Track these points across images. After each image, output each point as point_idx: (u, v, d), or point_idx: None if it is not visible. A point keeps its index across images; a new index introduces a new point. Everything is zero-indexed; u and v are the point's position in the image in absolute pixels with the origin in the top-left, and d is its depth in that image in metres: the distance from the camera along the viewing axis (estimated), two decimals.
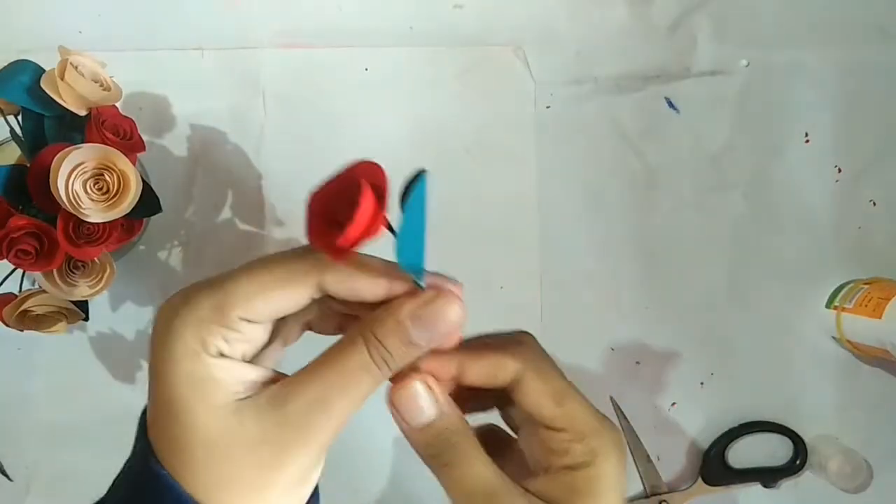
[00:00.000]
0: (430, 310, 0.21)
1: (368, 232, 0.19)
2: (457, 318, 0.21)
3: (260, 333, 0.21)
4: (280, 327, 0.23)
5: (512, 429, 0.26)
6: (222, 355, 0.20)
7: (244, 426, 0.20)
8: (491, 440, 0.26)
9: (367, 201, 0.19)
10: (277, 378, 0.21)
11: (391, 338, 0.21)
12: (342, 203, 0.19)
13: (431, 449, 0.22)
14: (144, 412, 0.21)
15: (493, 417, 0.26)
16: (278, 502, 0.21)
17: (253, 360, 0.22)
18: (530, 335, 0.25)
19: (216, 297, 0.20)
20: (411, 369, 0.23)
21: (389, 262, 0.21)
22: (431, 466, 0.23)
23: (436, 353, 0.23)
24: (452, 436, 0.22)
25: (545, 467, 0.23)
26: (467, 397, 0.25)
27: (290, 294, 0.20)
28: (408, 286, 0.21)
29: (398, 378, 0.22)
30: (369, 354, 0.20)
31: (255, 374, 0.21)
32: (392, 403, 0.23)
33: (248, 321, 0.20)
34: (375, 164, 0.20)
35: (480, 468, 0.22)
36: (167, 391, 0.20)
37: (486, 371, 0.23)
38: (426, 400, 0.22)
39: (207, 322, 0.20)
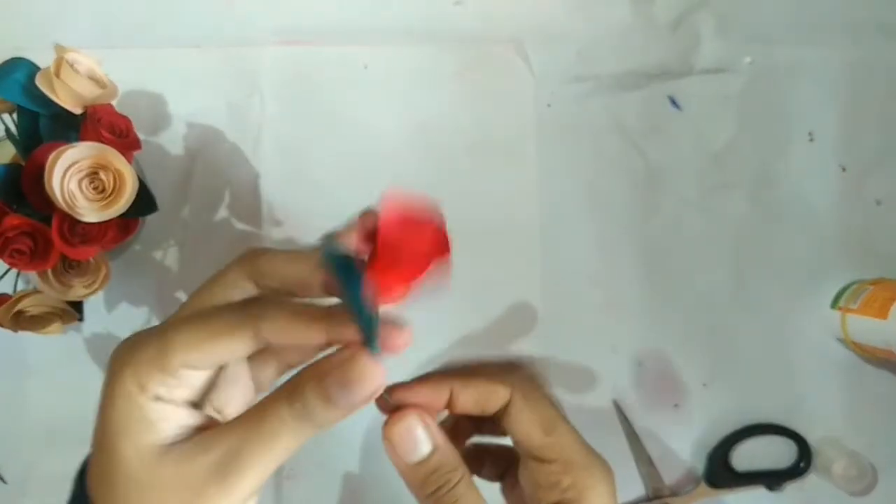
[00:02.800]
0: (353, 375, 0.20)
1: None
2: (376, 386, 0.21)
3: (201, 380, 0.22)
4: (239, 370, 0.23)
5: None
6: (159, 399, 0.20)
7: (166, 469, 0.20)
8: (498, 460, 0.25)
9: (446, 252, 0.19)
10: (212, 424, 0.22)
11: (312, 397, 0.20)
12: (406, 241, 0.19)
13: (427, 487, 0.22)
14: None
15: None
16: None
17: (202, 403, 0.22)
18: (527, 361, 0.25)
19: (158, 344, 0.20)
20: (406, 402, 0.23)
21: (333, 306, 0.21)
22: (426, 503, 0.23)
23: (426, 381, 0.23)
24: (447, 473, 0.22)
25: (535, 502, 0.23)
26: (466, 429, 0.25)
27: (226, 345, 0.21)
28: (351, 331, 0.21)
29: (394, 413, 0.23)
30: (290, 410, 0.20)
31: (192, 419, 0.21)
32: (387, 439, 0.23)
33: (189, 368, 0.21)
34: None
35: None
36: (103, 427, 0.20)
37: (476, 398, 0.23)
38: (421, 435, 0.22)
39: (147, 366, 0.20)
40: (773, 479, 0.42)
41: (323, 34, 0.41)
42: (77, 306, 0.35)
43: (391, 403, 0.23)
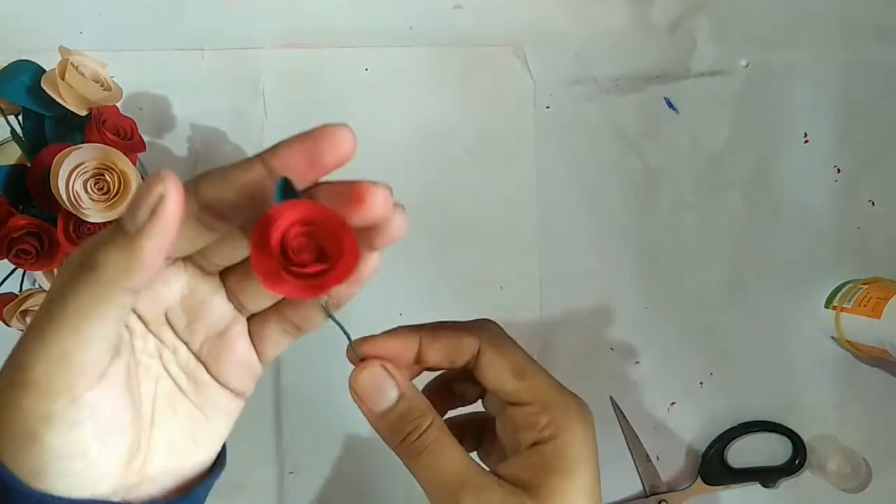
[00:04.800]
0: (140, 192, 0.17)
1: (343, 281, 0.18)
2: (158, 192, 0.17)
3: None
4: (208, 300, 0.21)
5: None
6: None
7: None
8: (473, 429, 0.25)
9: (355, 251, 0.18)
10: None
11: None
12: (311, 236, 0.18)
13: (398, 433, 0.22)
14: None
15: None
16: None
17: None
18: (490, 320, 0.25)
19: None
20: (374, 354, 0.22)
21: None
22: (401, 454, 0.22)
23: (395, 333, 0.23)
24: (417, 418, 0.22)
25: (514, 447, 0.23)
26: (444, 391, 0.25)
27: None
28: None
29: (360, 364, 0.22)
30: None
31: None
32: (353, 389, 0.22)
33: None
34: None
35: (450, 454, 0.22)
36: None
37: (445, 350, 0.23)
38: (387, 382, 0.22)
39: None
40: (768, 475, 0.42)
41: (324, 37, 0.42)
42: None
43: (359, 355, 0.23)
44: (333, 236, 0.18)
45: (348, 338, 0.22)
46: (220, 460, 0.22)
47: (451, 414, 0.26)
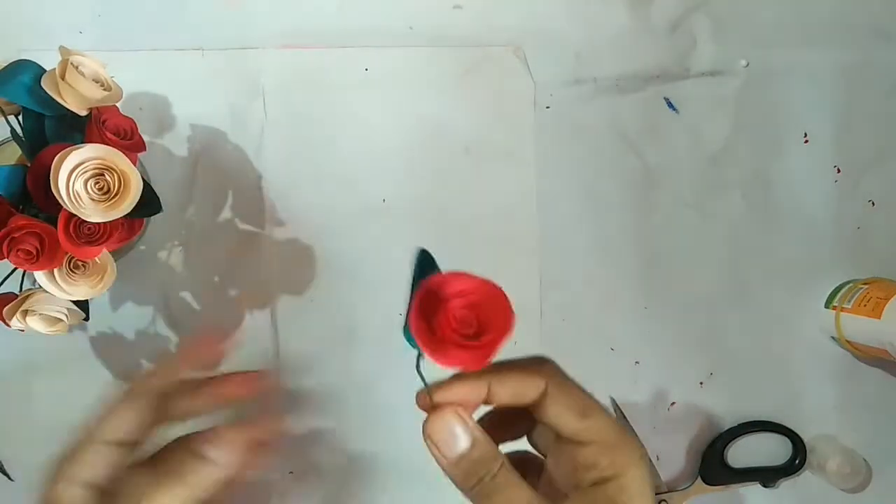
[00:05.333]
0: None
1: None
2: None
3: None
4: None
5: (540, 455, 0.26)
6: None
7: None
8: (521, 467, 0.26)
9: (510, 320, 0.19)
10: None
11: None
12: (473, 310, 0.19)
13: (470, 480, 0.23)
14: None
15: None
16: None
17: None
18: (549, 358, 0.26)
19: None
20: (446, 401, 0.23)
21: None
22: (472, 497, 0.23)
23: (464, 379, 0.24)
24: (488, 463, 0.23)
25: (574, 485, 0.24)
26: (497, 427, 0.26)
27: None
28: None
29: (432, 410, 0.23)
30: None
31: None
32: (427, 436, 0.23)
33: None
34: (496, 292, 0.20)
35: (520, 494, 0.23)
36: None
37: (513, 390, 0.24)
38: (460, 430, 0.23)
39: None
40: (768, 475, 0.42)
41: (324, 37, 0.42)
42: (83, 305, 0.35)
43: (431, 402, 0.24)
44: (494, 305, 0.19)
45: (425, 384, 0.23)
46: None
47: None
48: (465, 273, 0.19)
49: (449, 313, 0.18)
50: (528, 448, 0.28)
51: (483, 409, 0.26)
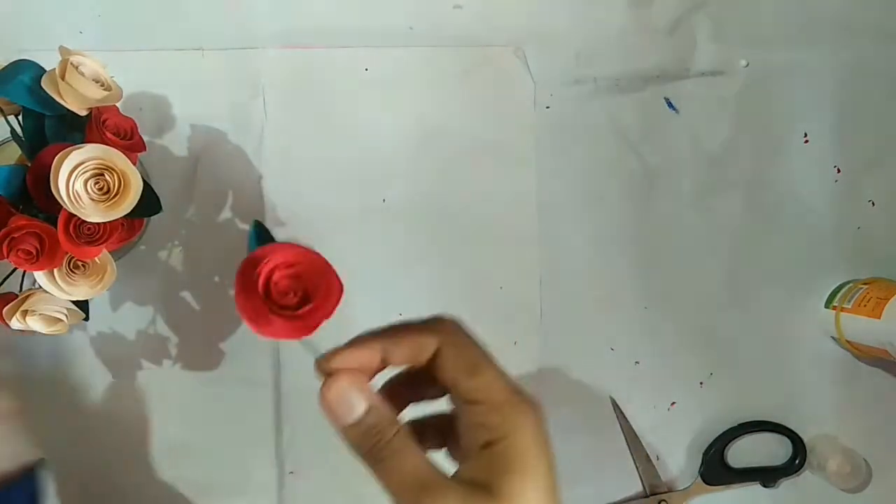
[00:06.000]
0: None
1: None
2: None
3: None
4: None
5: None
6: None
7: None
8: (439, 428, 0.26)
9: (337, 292, 0.19)
10: None
11: None
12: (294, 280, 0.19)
13: (364, 445, 0.23)
14: None
15: None
16: None
17: None
18: (451, 316, 0.26)
19: None
20: (343, 366, 0.23)
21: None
22: (366, 462, 0.23)
23: (359, 343, 0.24)
24: (383, 430, 0.23)
25: (471, 448, 0.23)
26: (405, 389, 0.26)
27: None
28: None
29: (329, 376, 0.23)
30: None
31: None
32: (322, 403, 0.23)
33: None
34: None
35: (412, 460, 0.23)
36: None
37: (408, 351, 0.24)
38: (354, 396, 0.23)
39: None
40: (768, 475, 0.42)
41: (324, 37, 0.42)
42: (83, 305, 0.35)
43: (327, 368, 0.24)
44: (318, 276, 0.19)
45: (316, 354, 0.23)
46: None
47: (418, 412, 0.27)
48: (290, 244, 0.19)
49: (270, 284, 0.18)
50: None
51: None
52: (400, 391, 0.25)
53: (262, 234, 0.19)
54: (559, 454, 0.46)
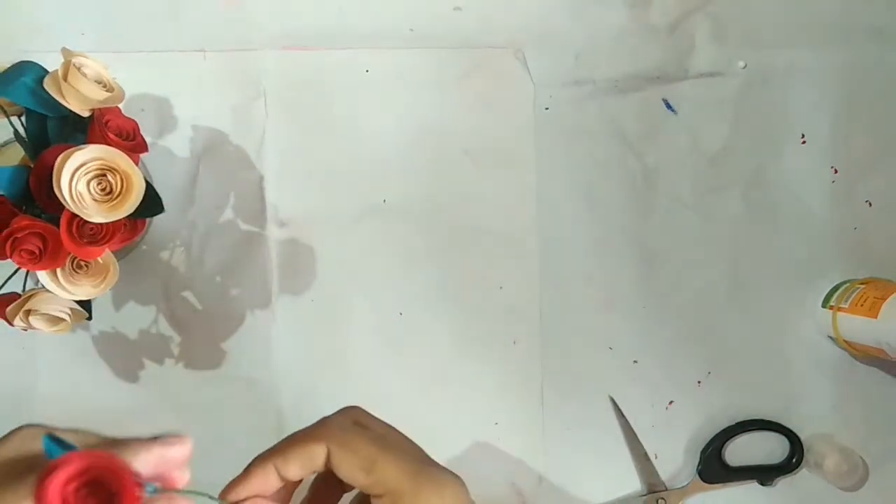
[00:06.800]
0: None
1: None
2: None
3: None
4: None
5: None
6: None
7: None
8: None
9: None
10: None
11: None
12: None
13: None
14: None
15: None
16: None
17: None
18: (339, 414, 0.26)
19: None
20: (241, 497, 0.24)
21: None
22: None
23: (251, 471, 0.24)
24: None
25: None
26: (330, 487, 0.26)
27: None
28: None
29: None
30: None
31: None
32: None
33: None
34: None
35: None
36: None
37: (300, 465, 0.24)
38: None
39: None
40: (765, 474, 0.42)
41: (325, 39, 0.42)
42: (85, 305, 0.35)
43: (230, 502, 0.24)
44: (113, 479, 0.18)
45: (211, 498, 0.23)
46: None
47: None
48: (78, 453, 0.18)
49: (66, 499, 0.17)
50: None
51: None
52: (328, 488, 0.26)
53: (56, 447, 0.18)
54: (558, 453, 0.46)
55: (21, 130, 0.34)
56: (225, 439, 0.41)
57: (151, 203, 0.33)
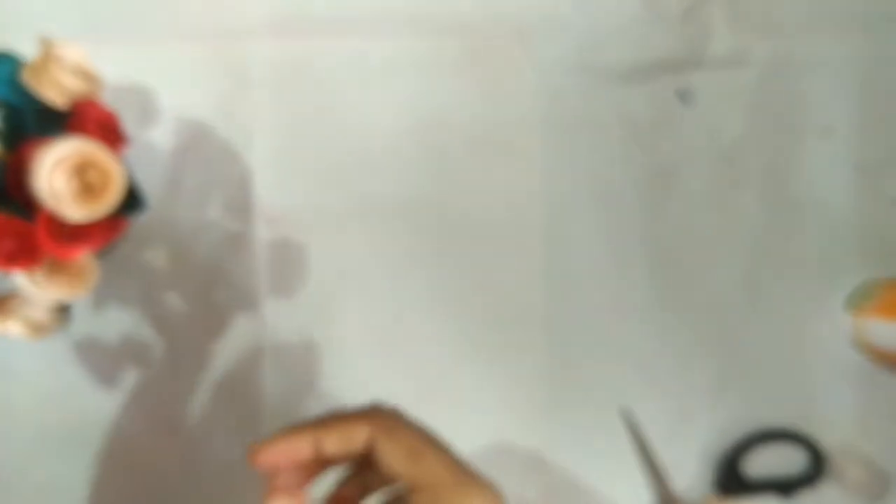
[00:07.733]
0: None
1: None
2: None
3: None
4: None
5: None
6: None
7: None
8: None
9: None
10: None
11: None
12: None
13: None
14: None
15: None
16: None
17: None
18: (383, 405, 0.26)
19: None
20: (273, 458, 0.24)
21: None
22: None
23: (289, 434, 0.24)
24: None
25: None
26: (352, 491, 0.26)
27: None
28: None
29: (269, 495, 0.24)
30: None
31: None
32: None
33: None
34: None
35: None
36: None
37: (339, 441, 0.24)
38: None
39: None
40: (785, 487, 0.41)
41: (318, 25, 0.41)
42: (64, 308, 0.35)
43: (259, 459, 0.24)
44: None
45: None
46: None
47: None
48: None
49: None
50: None
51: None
52: (350, 492, 0.26)
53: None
54: (567, 463, 0.45)
55: None
56: (212, 446, 0.40)
57: (133, 200, 0.33)
